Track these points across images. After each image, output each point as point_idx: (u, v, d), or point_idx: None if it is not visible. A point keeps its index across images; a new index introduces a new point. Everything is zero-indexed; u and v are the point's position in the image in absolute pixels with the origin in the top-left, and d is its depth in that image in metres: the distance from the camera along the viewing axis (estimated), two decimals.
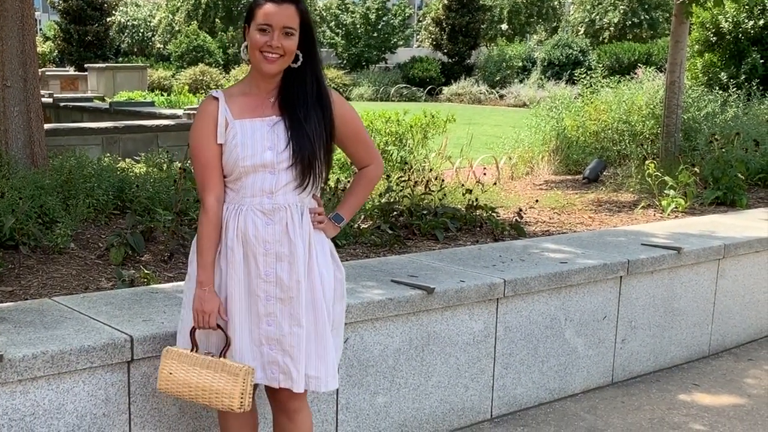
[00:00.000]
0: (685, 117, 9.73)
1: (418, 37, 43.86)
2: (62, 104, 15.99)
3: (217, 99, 2.83)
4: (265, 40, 2.72)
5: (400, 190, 6.24)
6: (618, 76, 12.70)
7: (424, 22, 40.45)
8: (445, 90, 31.64)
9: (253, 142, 2.76)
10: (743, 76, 13.87)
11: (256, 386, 2.90)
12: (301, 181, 2.80)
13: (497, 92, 30.60)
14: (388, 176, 6.71)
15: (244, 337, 2.83)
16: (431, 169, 8.00)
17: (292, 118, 2.79)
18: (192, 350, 2.84)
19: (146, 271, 4.26)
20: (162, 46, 40.50)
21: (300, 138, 2.77)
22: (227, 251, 2.82)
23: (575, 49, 32.76)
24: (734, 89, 12.12)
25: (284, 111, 2.81)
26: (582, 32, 37.72)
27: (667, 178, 7.13)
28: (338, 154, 10.32)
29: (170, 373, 2.83)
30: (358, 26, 39.13)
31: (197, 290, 2.81)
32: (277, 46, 2.72)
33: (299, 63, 2.81)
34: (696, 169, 7.24)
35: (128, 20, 42.46)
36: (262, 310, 2.81)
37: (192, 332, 2.84)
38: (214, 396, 2.77)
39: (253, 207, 2.79)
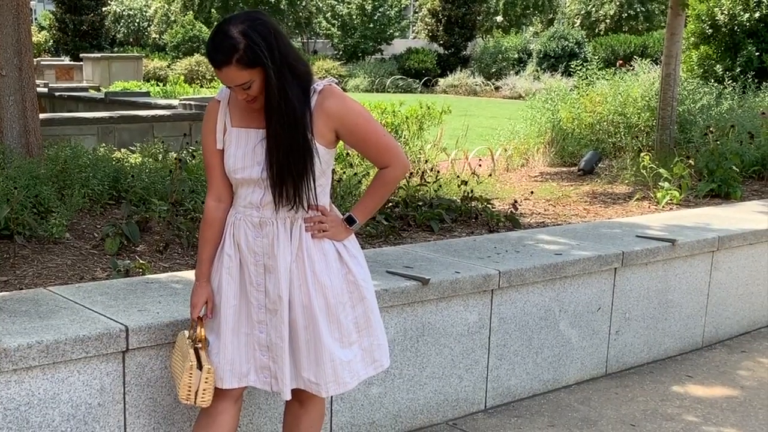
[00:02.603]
0: (681, 109, 9.73)
1: (414, 28, 43.78)
2: (57, 94, 15.93)
3: (219, 102, 2.82)
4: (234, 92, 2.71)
5: None
6: (613, 68, 12.69)
7: (420, 13, 40.34)
8: (441, 81, 31.57)
9: (244, 154, 2.76)
10: (739, 69, 13.87)
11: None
12: (286, 202, 2.75)
13: (493, 84, 30.54)
14: None
15: (240, 341, 2.86)
16: (427, 161, 7.99)
17: (279, 134, 2.69)
18: (188, 336, 2.90)
19: (141, 261, 4.26)
20: (158, 36, 40.37)
21: (283, 158, 2.70)
22: (224, 256, 2.86)
23: (571, 41, 32.71)
24: (730, 82, 12.13)
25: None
26: (578, 24, 37.68)
27: (662, 170, 7.15)
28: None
29: (171, 354, 2.99)
30: (354, 17, 39.03)
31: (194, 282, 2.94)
32: (243, 97, 2.69)
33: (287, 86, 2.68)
34: (691, 161, 7.26)
35: (124, 10, 42.32)
36: (255, 317, 2.85)
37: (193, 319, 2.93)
38: (174, 378, 2.92)
39: (245, 218, 2.82)
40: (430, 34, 37.70)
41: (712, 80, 12.59)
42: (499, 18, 42.31)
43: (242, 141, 2.77)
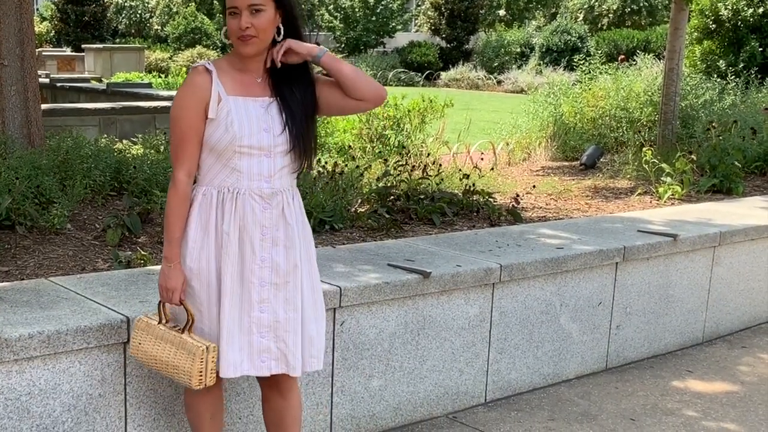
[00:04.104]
0: (683, 104, 9.72)
1: (416, 21, 43.69)
2: (59, 84, 15.89)
3: (210, 72, 2.75)
4: (236, 23, 2.68)
5: (398, 175, 6.24)
6: (616, 63, 12.69)
7: (423, 7, 40.26)
8: (443, 75, 31.52)
9: (249, 121, 2.72)
10: (742, 64, 13.87)
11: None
12: (299, 165, 2.81)
13: (495, 78, 30.49)
14: (386, 160, 6.70)
15: (233, 326, 2.78)
16: (429, 154, 7.99)
17: (284, 99, 2.78)
18: (160, 322, 2.82)
19: (143, 253, 4.26)
20: (159, 27, 40.28)
21: (295, 122, 2.77)
22: (223, 236, 2.75)
23: (574, 35, 32.63)
24: (732, 77, 12.12)
25: (275, 92, 2.78)
26: (581, 18, 37.60)
27: (664, 165, 7.14)
28: (321, 138, 10.25)
29: (139, 343, 2.85)
30: (357, 10, 38.95)
31: (163, 265, 2.79)
32: (247, 26, 2.66)
33: (281, 37, 2.76)
34: (693, 156, 7.25)
35: (125, 1, 42.25)
36: (256, 297, 2.78)
37: (161, 303, 2.83)
38: (173, 371, 2.79)
39: (251, 192, 2.75)
40: (433, 27, 37.64)
41: (715, 75, 12.59)
42: (502, 12, 42.23)
43: (242, 108, 2.73)
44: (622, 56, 16.81)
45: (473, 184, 6.18)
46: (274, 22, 2.72)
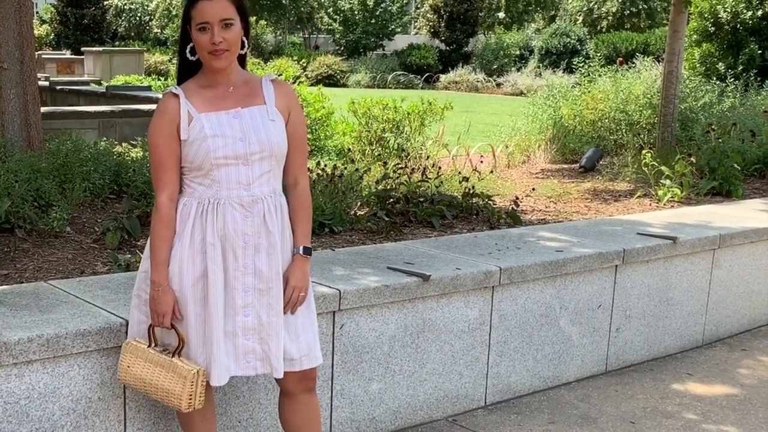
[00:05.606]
0: (682, 107, 9.73)
1: (415, 24, 43.72)
2: (58, 87, 15.86)
3: (177, 95, 2.78)
4: (207, 39, 2.70)
5: (397, 177, 6.24)
6: (614, 65, 12.70)
7: (422, 9, 40.31)
8: (443, 78, 31.57)
9: (222, 133, 2.74)
10: (741, 67, 13.88)
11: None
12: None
13: (494, 80, 30.54)
14: (385, 163, 6.70)
15: (220, 332, 2.79)
16: (428, 157, 8.00)
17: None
18: (149, 346, 2.83)
19: (142, 256, 4.26)
20: (159, 30, 40.33)
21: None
22: (207, 247, 2.77)
23: (573, 38, 32.71)
24: (732, 80, 12.13)
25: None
26: (580, 21, 37.64)
27: (663, 167, 7.14)
28: (321, 141, 10.22)
29: (128, 366, 2.85)
30: (356, 12, 39.00)
31: (151, 290, 2.79)
32: (219, 41, 2.69)
33: (246, 49, 2.82)
34: (692, 159, 7.25)
35: (125, 4, 42.27)
36: (240, 302, 2.80)
37: (150, 327, 2.83)
38: (163, 394, 2.79)
39: (230, 201, 2.77)
40: (432, 30, 37.68)
41: (714, 78, 12.59)
42: (501, 14, 42.26)
43: (214, 123, 2.75)
44: (621, 59, 16.84)
45: (473, 187, 6.18)
46: (241, 34, 2.77)
